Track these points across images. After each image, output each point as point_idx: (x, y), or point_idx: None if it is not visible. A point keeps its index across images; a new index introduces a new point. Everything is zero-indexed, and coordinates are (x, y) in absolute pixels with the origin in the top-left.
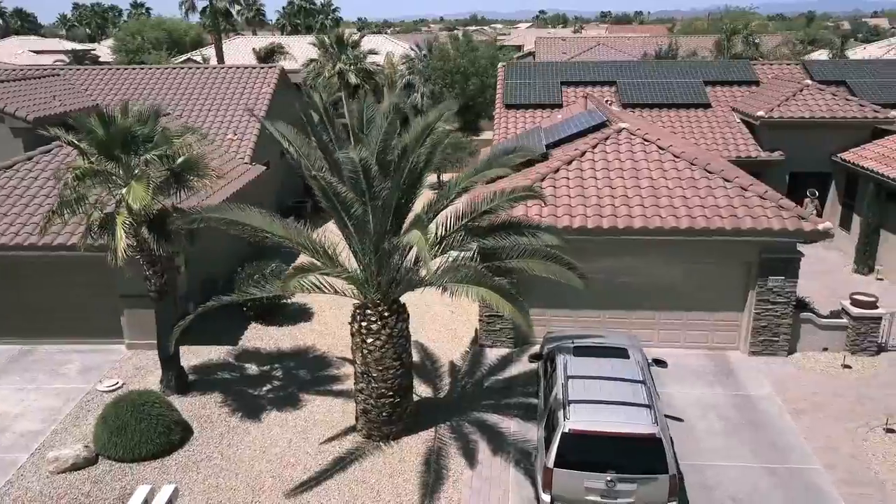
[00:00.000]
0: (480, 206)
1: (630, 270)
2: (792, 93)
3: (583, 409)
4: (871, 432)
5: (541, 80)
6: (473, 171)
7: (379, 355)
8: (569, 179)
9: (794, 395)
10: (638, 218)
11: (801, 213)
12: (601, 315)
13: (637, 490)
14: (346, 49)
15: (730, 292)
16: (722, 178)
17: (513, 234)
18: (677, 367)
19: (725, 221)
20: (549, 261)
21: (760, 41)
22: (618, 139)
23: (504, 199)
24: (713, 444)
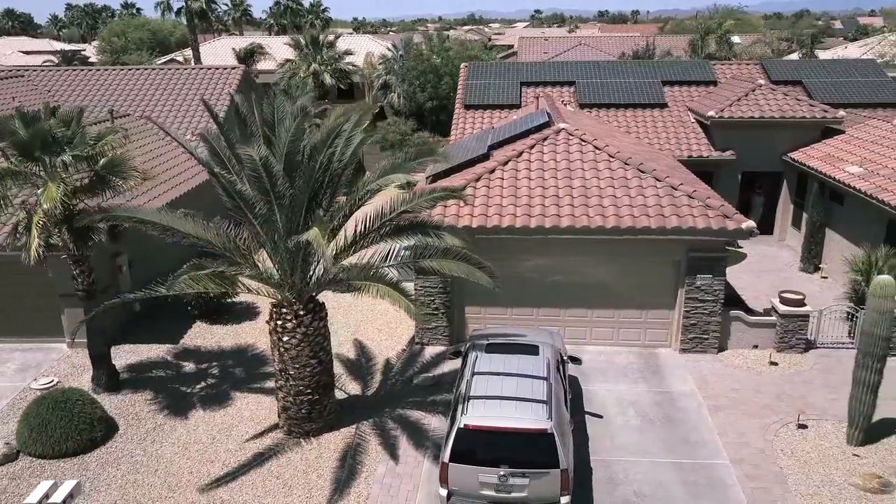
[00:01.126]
0: (399, 207)
1: (562, 269)
2: (744, 93)
3: (480, 405)
4: (784, 428)
5: (501, 81)
6: (377, 176)
7: (295, 353)
8: (503, 180)
9: (716, 391)
10: (566, 217)
11: (727, 212)
12: (535, 313)
13: (529, 484)
14: (321, 50)
15: (660, 290)
16: (653, 178)
17: (419, 234)
18: (606, 364)
19: (651, 220)
20: (461, 261)
21: (735, 41)
22: (556, 140)
23: (423, 200)
24: (627, 440)
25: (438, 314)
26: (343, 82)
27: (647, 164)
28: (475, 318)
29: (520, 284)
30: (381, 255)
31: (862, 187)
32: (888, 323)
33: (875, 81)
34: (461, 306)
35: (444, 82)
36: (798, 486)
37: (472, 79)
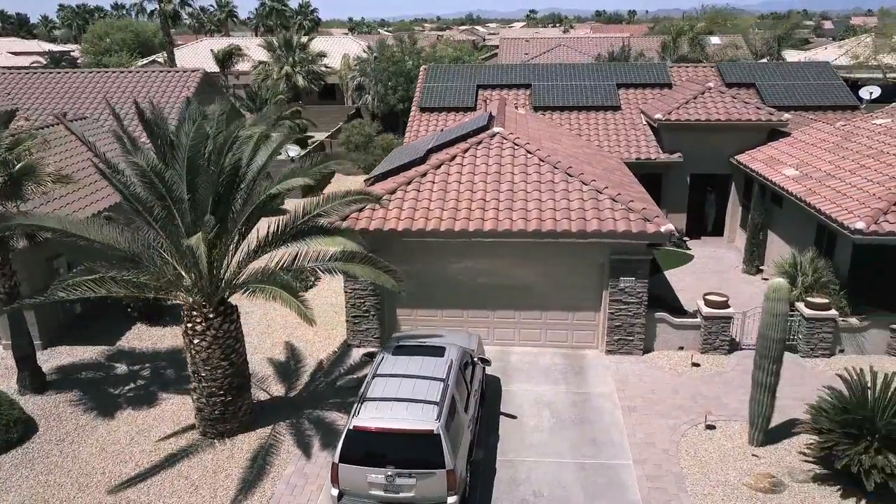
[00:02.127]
0: (313, 210)
1: (491, 272)
2: (693, 96)
3: (371, 407)
4: (693, 429)
5: (458, 83)
6: (279, 180)
7: (206, 356)
8: (434, 183)
9: (634, 392)
10: (490, 221)
11: (647, 215)
12: (464, 314)
13: (416, 484)
14: (294, 51)
15: (586, 293)
16: (580, 182)
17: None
18: (531, 365)
19: (573, 224)
20: (367, 264)
21: (706, 42)
22: (489, 144)
23: (336, 204)
24: (537, 440)
25: (369, 316)
26: (316, 84)
27: (583, 167)
28: (407, 320)
29: (450, 287)
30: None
31: (793, 190)
32: (782, 325)
33: (827, 84)
34: (392, 308)
35: (415, 84)
36: (694, 487)
37: (429, 81)
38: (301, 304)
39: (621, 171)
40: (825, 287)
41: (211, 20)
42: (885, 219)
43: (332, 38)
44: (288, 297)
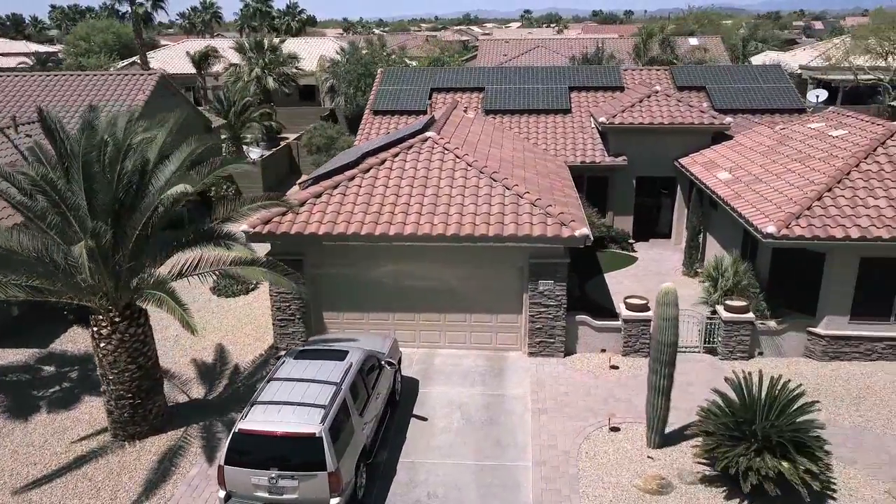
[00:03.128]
0: (221, 214)
1: (416, 275)
2: (639, 99)
3: (259, 410)
4: (598, 431)
5: (412, 87)
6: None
7: (112, 359)
8: (360, 187)
9: (548, 394)
10: (410, 225)
11: (564, 219)
12: (391, 317)
13: (299, 486)
14: (265, 53)
15: (508, 296)
16: (503, 186)
17: (212, 244)
18: (453, 367)
19: (491, 228)
20: (268, 269)
21: (676, 44)
22: (420, 148)
23: (245, 208)
24: (443, 442)
25: (295, 319)
26: (287, 86)
27: (514, 172)
28: (333, 323)
29: (376, 290)
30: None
31: (722, 193)
32: (673, 330)
33: (777, 87)
34: (319, 312)
35: None
36: (587, 488)
37: (384, 84)
38: (184, 312)
39: (558, 175)
40: (745, 290)
41: (195, 21)
42: (796, 223)
43: (310, 40)
44: (172, 305)
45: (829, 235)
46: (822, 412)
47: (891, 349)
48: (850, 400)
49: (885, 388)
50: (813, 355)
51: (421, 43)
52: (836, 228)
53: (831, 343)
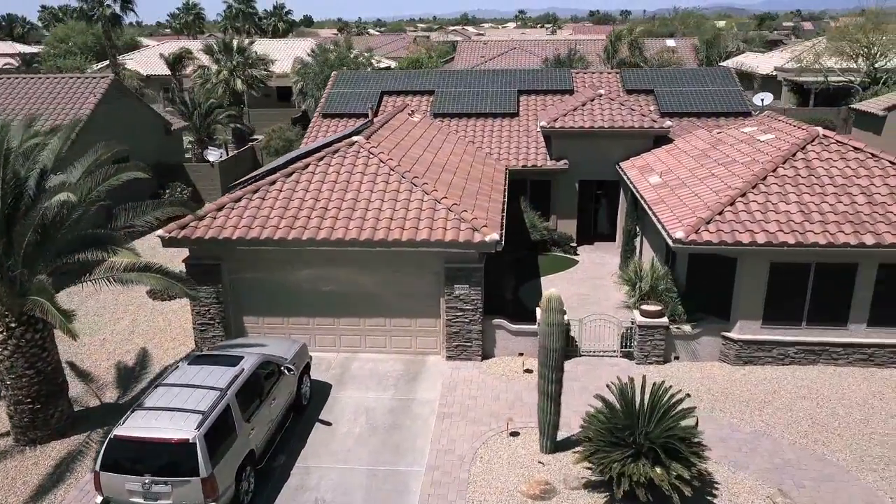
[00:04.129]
0: (124, 219)
1: (335, 279)
2: (581, 102)
3: (139, 416)
4: (498, 435)
5: (363, 90)
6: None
7: (9, 364)
8: (280, 192)
9: (457, 398)
10: (325, 230)
11: (476, 224)
12: (310, 322)
13: (173, 492)
14: (234, 55)
15: (426, 300)
16: (423, 191)
17: (97, 249)
18: (370, 371)
19: (405, 233)
20: (161, 274)
21: (670, 44)
22: (346, 153)
23: (147, 213)
24: (342, 447)
25: (214, 324)
26: (257, 88)
27: (441, 176)
28: (254, 328)
29: (295, 295)
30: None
31: (648, 197)
32: (558, 335)
33: (724, 91)
34: (238, 316)
35: None
36: (474, 494)
37: (335, 87)
38: (63, 319)
39: (491, 180)
40: (662, 295)
41: (179, 23)
42: (705, 228)
43: (286, 41)
44: (53, 312)
45: (736, 241)
46: (725, 416)
47: (803, 353)
48: (756, 404)
49: (791, 392)
50: (727, 360)
51: (407, 44)
52: (745, 234)
53: (744, 347)
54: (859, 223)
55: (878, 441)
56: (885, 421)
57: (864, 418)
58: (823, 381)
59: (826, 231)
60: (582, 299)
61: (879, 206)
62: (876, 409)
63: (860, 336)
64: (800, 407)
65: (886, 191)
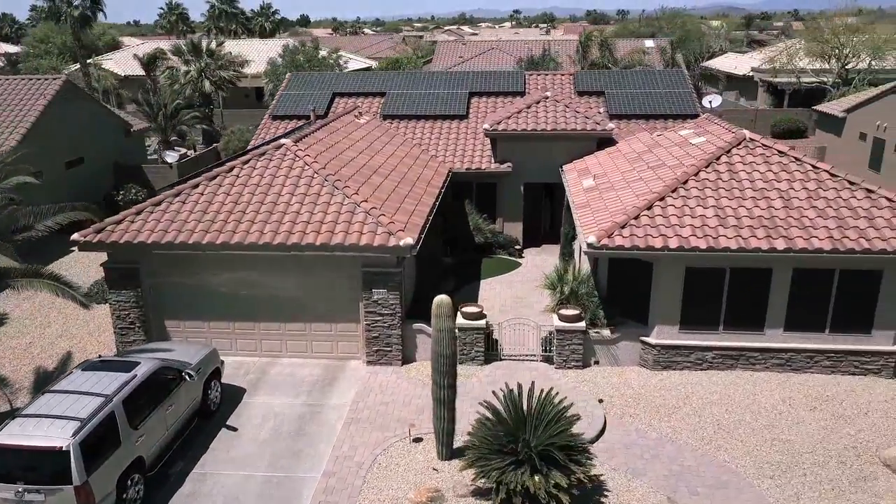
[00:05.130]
0: (21, 221)
1: (254, 284)
2: (526, 105)
3: (17, 423)
4: (400, 441)
5: (316, 92)
6: None
7: None
8: (202, 195)
9: (368, 403)
10: (239, 234)
11: (392, 229)
12: (231, 326)
13: (46, 500)
14: (202, 56)
15: (346, 304)
16: (344, 195)
17: None
18: (288, 376)
19: (320, 237)
20: (52, 280)
21: (648, 45)
22: (272, 156)
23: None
24: (243, 453)
25: (135, 328)
26: (225, 89)
27: (370, 180)
28: (176, 332)
29: (215, 299)
30: None
31: (576, 201)
32: (449, 340)
33: (674, 93)
34: (160, 320)
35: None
36: (364, 501)
37: (288, 89)
38: None
39: (426, 183)
40: (582, 298)
41: (163, 23)
42: (619, 233)
43: (265, 42)
44: None
45: (649, 245)
46: (634, 422)
47: (721, 358)
48: (666, 410)
49: (703, 398)
50: (647, 364)
51: (395, 44)
52: (658, 238)
53: (662, 352)
54: (773, 227)
55: (780, 448)
56: (790, 427)
57: (769, 424)
58: (737, 386)
59: (739, 236)
60: (517, 301)
61: (796, 210)
62: (783, 414)
63: (777, 341)
64: (709, 413)
65: (805, 195)
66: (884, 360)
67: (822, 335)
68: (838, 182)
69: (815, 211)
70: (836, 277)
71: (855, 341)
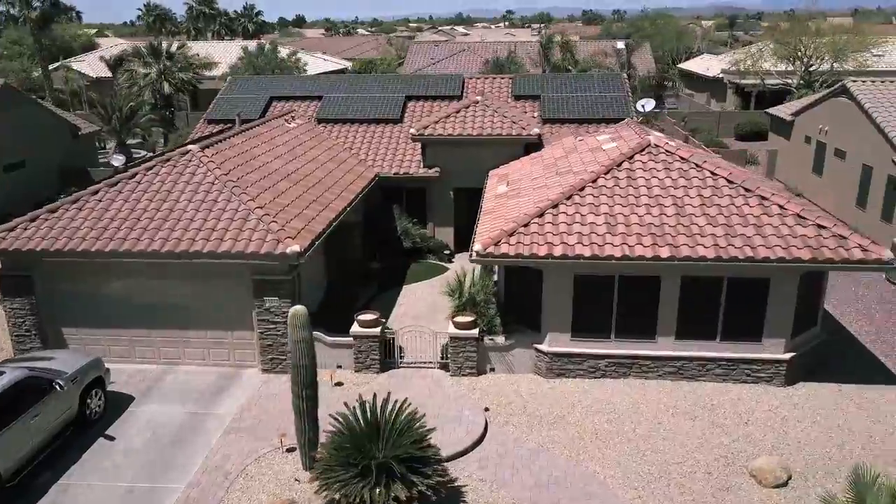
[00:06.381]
0: None
1: (151, 291)
2: (455, 110)
3: None
4: (274, 452)
5: (253, 95)
6: None
7: None
8: (99, 202)
9: (253, 413)
10: (130, 241)
11: (280, 236)
12: (128, 334)
13: None
14: (162, 58)
15: (240, 312)
16: (239, 202)
17: None
18: (181, 384)
19: (209, 244)
20: None
21: (619, 47)
22: (177, 162)
23: None
24: (115, 463)
25: (31, 335)
26: (186, 91)
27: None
28: (73, 339)
29: (112, 306)
30: None
31: (484, 207)
32: (305, 351)
33: (610, 97)
34: (57, 327)
35: None
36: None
37: (226, 93)
38: None
39: (344, 189)
40: (479, 306)
41: (146, 22)
42: (507, 241)
43: (238, 43)
44: None
45: (532, 254)
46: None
47: (614, 366)
48: (550, 419)
49: (588, 406)
50: (540, 372)
51: (379, 45)
52: (544, 246)
53: (555, 360)
54: (661, 235)
55: (651, 458)
56: (666, 437)
57: (646, 434)
58: (625, 394)
59: (625, 244)
60: (433, 307)
61: (687, 217)
62: (663, 424)
63: (669, 349)
64: (590, 422)
65: (698, 202)
66: (775, 368)
67: (714, 343)
68: (734, 189)
69: (706, 218)
70: (725, 285)
71: (746, 349)
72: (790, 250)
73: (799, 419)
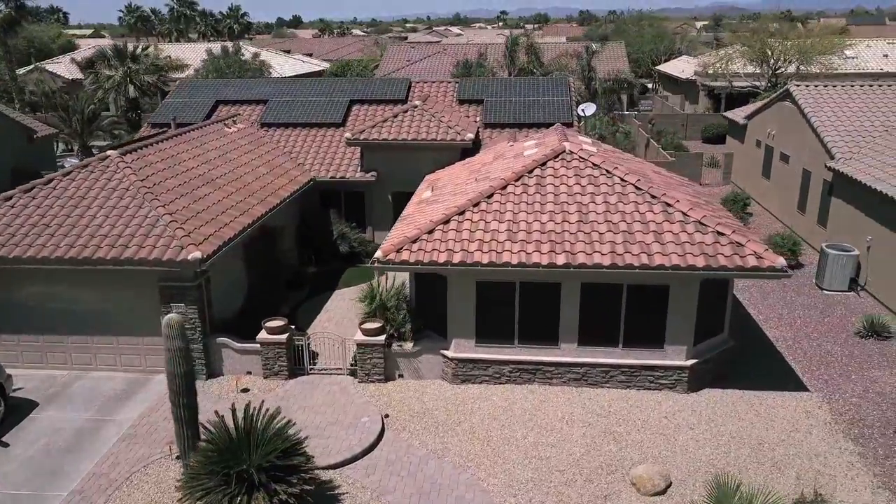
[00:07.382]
0: None
1: (59, 297)
2: (393, 114)
3: None
4: (165, 458)
5: (199, 99)
6: None
7: None
8: (11, 208)
9: (153, 419)
10: (34, 248)
11: (184, 242)
12: (40, 340)
13: None
14: (126, 60)
15: (150, 318)
16: (150, 207)
17: None
18: (88, 391)
19: (113, 252)
20: None
21: (595, 48)
22: (95, 167)
23: None
24: (2, 471)
25: None
26: (150, 94)
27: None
28: None
29: (24, 313)
30: None
31: (405, 213)
32: (181, 360)
33: (554, 101)
34: None
35: None
36: None
37: (173, 96)
38: None
39: (271, 194)
40: (390, 312)
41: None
42: (409, 247)
43: (212, 45)
44: None
45: (431, 261)
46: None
47: (518, 372)
48: (446, 425)
49: (487, 413)
50: (447, 378)
51: (363, 46)
52: (444, 253)
53: (460, 366)
54: (560, 242)
55: (536, 465)
56: (554, 444)
57: (536, 441)
58: (526, 401)
59: (523, 251)
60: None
61: (589, 224)
62: (555, 431)
63: (572, 355)
64: (485, 428)
65: (603, 209)
66: (677, 374)
67: (617, 350)
68: (640, 196)
69: (608, 225)
70: (625, 292)
71: (648, 356)
72: (686, 258)
73: (692, 426)
